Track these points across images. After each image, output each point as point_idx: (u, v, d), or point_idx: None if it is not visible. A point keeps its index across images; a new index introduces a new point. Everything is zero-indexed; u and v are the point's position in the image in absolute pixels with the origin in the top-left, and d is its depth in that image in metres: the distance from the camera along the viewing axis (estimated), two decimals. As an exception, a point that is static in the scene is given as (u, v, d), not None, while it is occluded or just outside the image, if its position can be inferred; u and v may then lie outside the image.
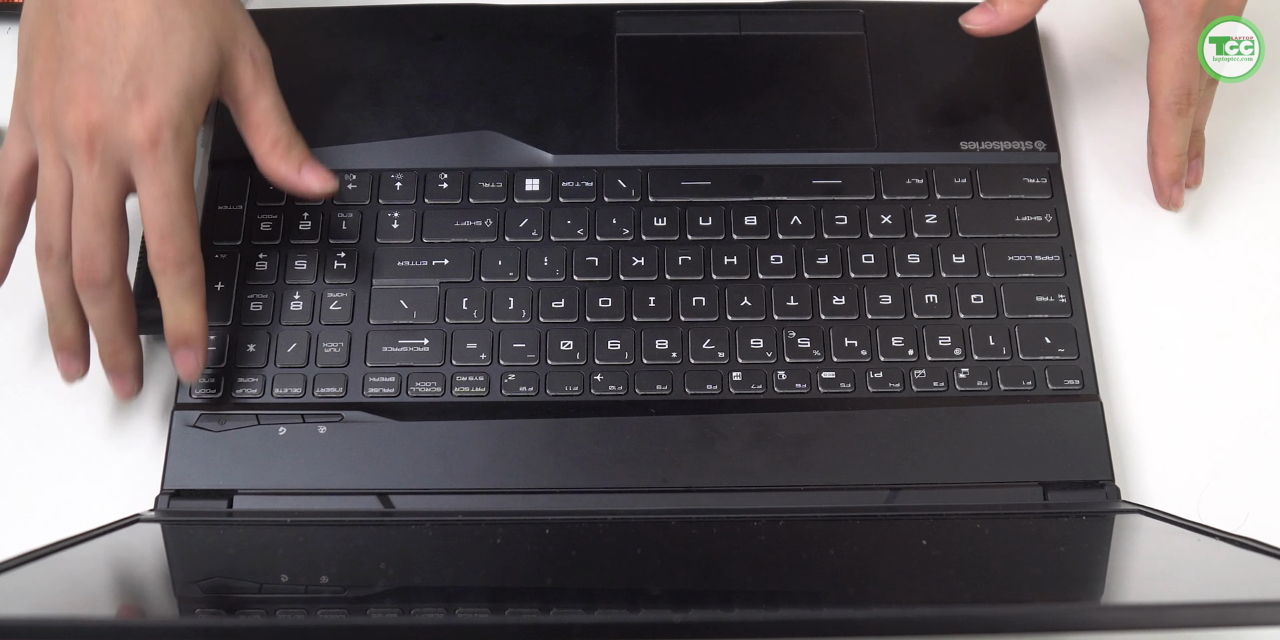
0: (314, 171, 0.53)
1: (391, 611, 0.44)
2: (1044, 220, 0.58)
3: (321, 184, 0.53)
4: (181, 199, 0.50)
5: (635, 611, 0.40)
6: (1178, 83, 0.55)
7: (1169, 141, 0.57)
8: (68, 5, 0.49)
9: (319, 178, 0.53)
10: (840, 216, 0.58)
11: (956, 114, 0.60)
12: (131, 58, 0.49)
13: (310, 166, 0.53)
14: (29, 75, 0.50)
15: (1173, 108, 0.55)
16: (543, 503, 0.52)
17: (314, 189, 0.53)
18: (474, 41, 0.62)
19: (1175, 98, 0.55)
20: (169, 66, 0.49)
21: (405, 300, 0.56)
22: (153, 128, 0.49)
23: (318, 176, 0.53)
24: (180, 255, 0.50)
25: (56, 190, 0.50)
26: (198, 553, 0.50)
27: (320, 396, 0.54)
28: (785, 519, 0.51)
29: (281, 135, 0.53)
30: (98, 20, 0.49)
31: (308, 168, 0.53)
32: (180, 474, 0.53)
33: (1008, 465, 0.53)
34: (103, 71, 0.49)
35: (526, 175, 0.59)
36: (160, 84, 0.49)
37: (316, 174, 0.53)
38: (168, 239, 0.50)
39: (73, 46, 0.49)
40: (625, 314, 0.56)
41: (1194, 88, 0.55)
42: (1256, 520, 0.54)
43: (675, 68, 0.61)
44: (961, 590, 0.45)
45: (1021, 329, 0.56)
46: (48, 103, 0.49)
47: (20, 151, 0.51)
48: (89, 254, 0.50)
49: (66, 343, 0.52)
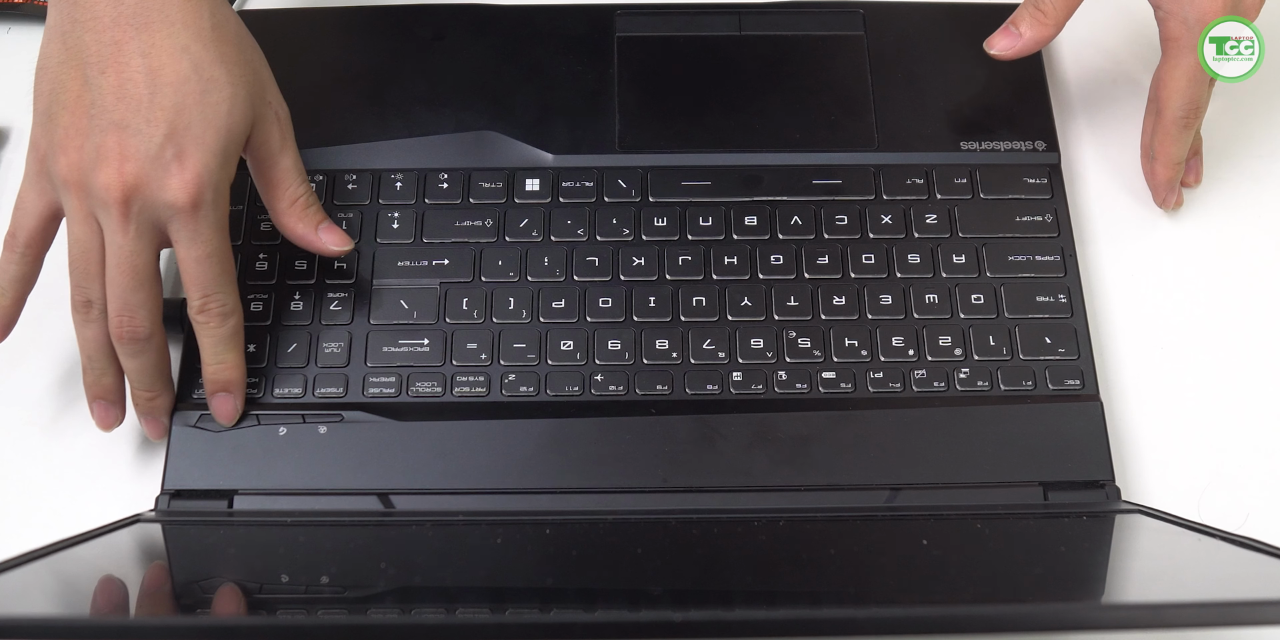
0: (330, 231, 0.53)
1: (391, 611, 0.44)
2: (1044, 220, 0.58)
3: (338, 244, 0.53)
4: (223, 257, 0.50)
5: (635, 611, 0.40)
6: (1188, 98, 0.56)
7: (1171, 151, 0.57)
8: (99, 60, 0.48)
9: (335, 238, 0.53)
10: (840, 216, 0.58)
11: (956, 114, 0.60)
12: (169, 117, 0.48)
13: (327, 226, 0.53)
14: (53, 129, 0.49)
15: (1180, 121, 0.56)
16: (543, 503, 0.52)
17: (330, 249, 0.53)
18: (474, 41, 0.62)
19: (1184, 112, 0.56)
20: (207, 126, 0.48)
21: (405, 300, 0.56)
22: (194, 190, 0.48)
23: (334, 236, 0.53)
24: (224, 309, 0.51)
25: (91, 247, 0.49)
26: (198, 553, 0.50)
27: (320, 396, 0.54)
28: (785, 519, 0.51)
29: (301, 194, 0.53)
30: (131, 77, 0.48)
31: (324, 227, 0.53)
32: (181, 474, 0.53)
33: (1008, 465, 0.53)
34: (138, 131, 0.48)
35: (526, 175, 0.59)
36: (199, 145, 0.48)
37: (333, 234, 0.53)
38: (211, 296, 0.50)
39: (104, 103, 0.48)
40: (625, 314, 0.56)
41: (1203, 103, 0.56)
42: (1256, 520, 0.54)
43: (675, 68, 0.61)
44: (961, 590, 0.45)
45: (1021, 329, 0.55)
46: (75, 159, 0.48)
47: (40, 203, 0.51)
48: (128, 311, 0.50)
49: (105, 392, 0.53)
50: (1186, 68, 0.55)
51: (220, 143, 0.49)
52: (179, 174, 0.48)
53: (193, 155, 0.48)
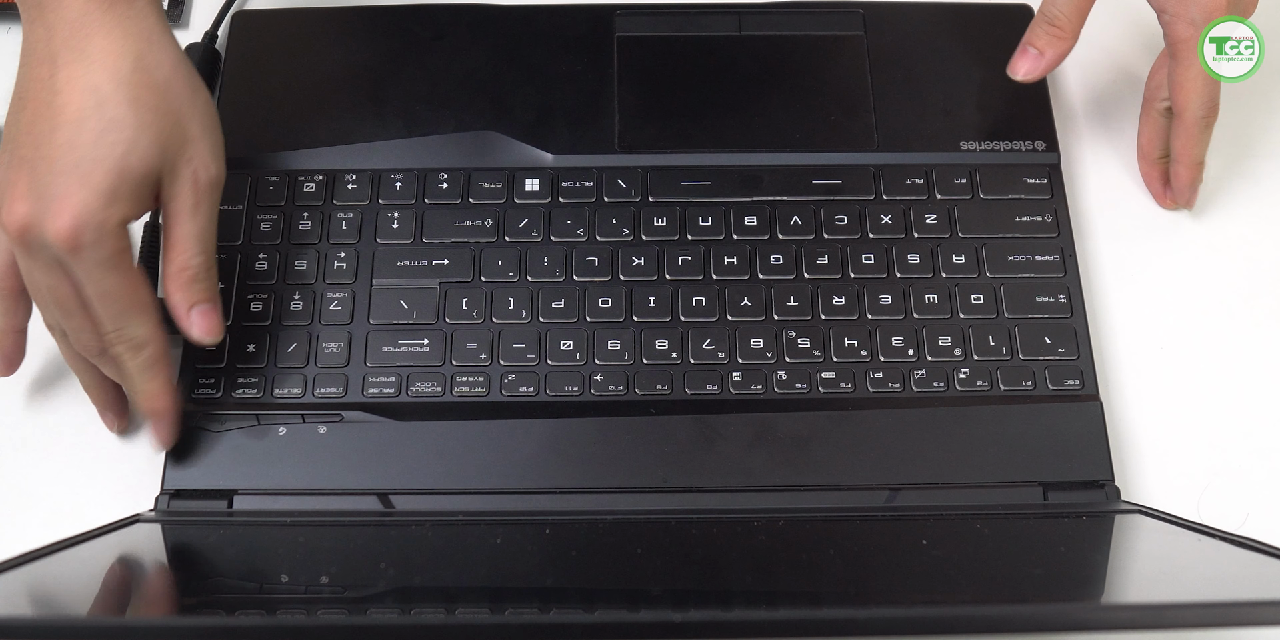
0: (203, 317, 0.51)
1: (391, 611, 0.44)
2: (1044, 220, 0.58)
3: (202, 332, 0.51)
4: (122, 292, 0.48)
5: (635, 611, 0.40)
6: (1206, 97, 0.56)
7: (1194, 152, 0.57)
8: (23, 95, 0.48)
9: (204, 325, 0.51)
10: (840, 216, 0.58)
11: (956, 114, 0.60)
12: (61, 155, 0.47)
13: (203, 310, 0.51)
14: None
15: (1201, 122, 0.56)
16: (543, 503, 0.52)
17: (192, 334, 0.51)
18: (474, 41, 0.62)
19: (1204, 111, 0.56)
20: (96, 165, 0.47)
21: (405, 300, 0.56)
22: (71, 231, 0.46)
23: (204, 323, 0.51)
24: (134, 342, 0.50)
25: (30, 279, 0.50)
26: (198, 553, 0.50)
27: (320, 396, 0.54)
28: (785, 519, 0.51)
29: (192, 266, 0.50)
30: (41, 112, 0.48)
31: (200, 310, 0.51)
32: (180, 474, 0.53)
33: (1008, 465, 0.53)
34: (35, 168, 0.47)
35: (526, 175, 0.59)
36: (83, 184, 0.47)
37: (204, 320, 0.51)
38: (119, 329, 0.49)
39: (17, 139, 0.48)
40: (625, 314, 0.56)
41: (1218, 99, 0.56)
42: (1256, 520, 0.54)
43: (675, 68, 0.61)
44: (961, 590, 0.45)
45: (1021, 329, 0.55)
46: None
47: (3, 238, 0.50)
48: (73, 334, 0.50)
49: (95, 400, 0.54)
50: (1201, 67, 0.55)
51: (108, 183, 0.47)
52: (58, 214, 0.46)
53: (75, 194, 0.47)
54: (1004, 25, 0.62)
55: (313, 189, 0.58)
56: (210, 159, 0.50)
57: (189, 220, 0.50)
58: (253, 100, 0.60)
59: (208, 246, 0.50)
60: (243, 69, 0.61)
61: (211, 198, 0.50)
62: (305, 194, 0.58)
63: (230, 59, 0.62)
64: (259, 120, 0.60)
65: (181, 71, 0.50)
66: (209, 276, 0.51)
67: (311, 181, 0.58)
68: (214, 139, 0.51)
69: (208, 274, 0.51)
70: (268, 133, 0.60)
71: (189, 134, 0.49)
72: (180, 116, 0.49)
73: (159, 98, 0.48)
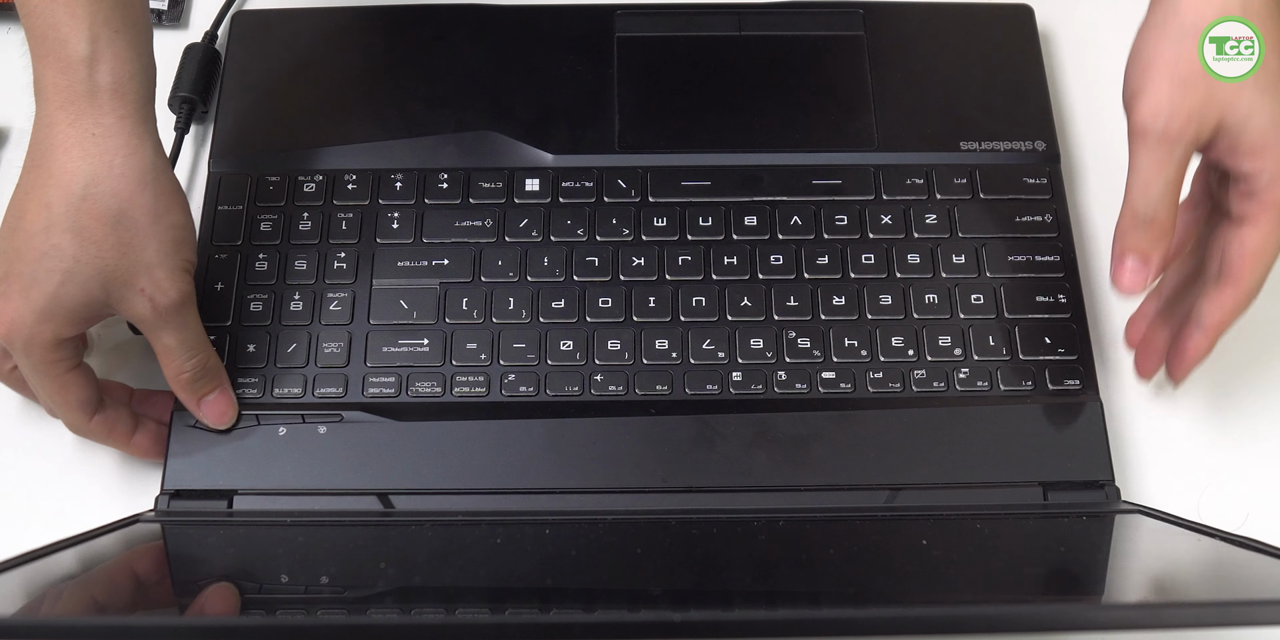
0: (212, 406, 0.52)
1: (391, 611, 0.44)
2: (1044, 220, 0.58)
3: (214, 419, 0.52)
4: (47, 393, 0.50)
5: (635, 611, 0.40)
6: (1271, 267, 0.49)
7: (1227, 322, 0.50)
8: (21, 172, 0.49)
9: (215, 414, 0.52)
10: (840, 216, 0.58)
11: (956, 114, 0.60)
12: (10, 260, 0.48)
13: (213, 399, 0.52)
14: None
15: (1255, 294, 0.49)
16: (543, 503, 0.52)
17: (208, 422, 0.53)
18: (474, 41, 0.62)
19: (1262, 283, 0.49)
20: (34, 283, 0.48)
21: (405, 300, 0.56)
22: (4, 334, 0.48)
23: (214, 412, 0.52)
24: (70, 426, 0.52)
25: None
26: (198, 553, 0.50)
27: (320, 397, 0.54)
28: (785, 519, 0.51)
29: (186, 370, 0.51)
30: (14, 207, 0.49)
31: (208, 401, 0.52)
32: (180, 474, 0.53)
33: (1008, 465, 0.53)
34: (4, 256, 0.48)
35: (526, 175, 0.59)
36: (23, 295, 0.48)
37: (214, 408, 0.52)
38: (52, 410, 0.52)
39: (6, 221, 0.49)
40: (625, 314, 0.56)
41: None
42: (1256, 520, 0.54)
43: (675, 68, 0.61)
44: (961, 590, 0.45)
45: (1021, 329, 0.55)
46: None
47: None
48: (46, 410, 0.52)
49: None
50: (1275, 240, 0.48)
51: (42, 303, 0.48)
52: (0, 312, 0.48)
53: (13, 302, 0.48)
54: (1004, 25, 0.62)
55: (313, 189, 0.58)
56: (168, 283, 0.49)
57: (165, 335, 0.50)
58: (253, 100, 0.60)
59: (196, 350, 0.51)
60: (243, 69, 0.61)
61: (178, 316, 0.50)
62: (305, 194, 0.58)
63: (230, 59, 0.62)
64: (259, 120, 0.60)
65: (144, 196, 0.48)
66: (207, 373, 0.52)
67: (311, 181, 0.58)
68: (174, 262, 0.49)
69: (205, 371, 0.52)
70: (267, 133, 0.60)
71: (141, 263, 0.48)
72: (131, 248, 0.48)
73: (105, 229, 0.48)
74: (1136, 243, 0.49)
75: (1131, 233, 0.49)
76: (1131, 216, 0.48)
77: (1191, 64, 0.47)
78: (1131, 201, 0.48)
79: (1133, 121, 0.48)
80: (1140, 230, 0.48)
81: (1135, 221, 0.48)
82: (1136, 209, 0.48)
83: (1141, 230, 0.48)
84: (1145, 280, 0.49)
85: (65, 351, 0.49)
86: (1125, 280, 0.49)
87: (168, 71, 0.62)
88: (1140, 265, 0.49)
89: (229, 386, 0.53)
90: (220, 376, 0.53)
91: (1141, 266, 0.49)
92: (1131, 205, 0.48)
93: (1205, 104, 0.47)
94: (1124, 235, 0.49)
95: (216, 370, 0.53)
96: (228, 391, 0.53)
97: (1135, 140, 0.48)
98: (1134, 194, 0.48)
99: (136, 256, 0.48)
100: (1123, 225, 0.49)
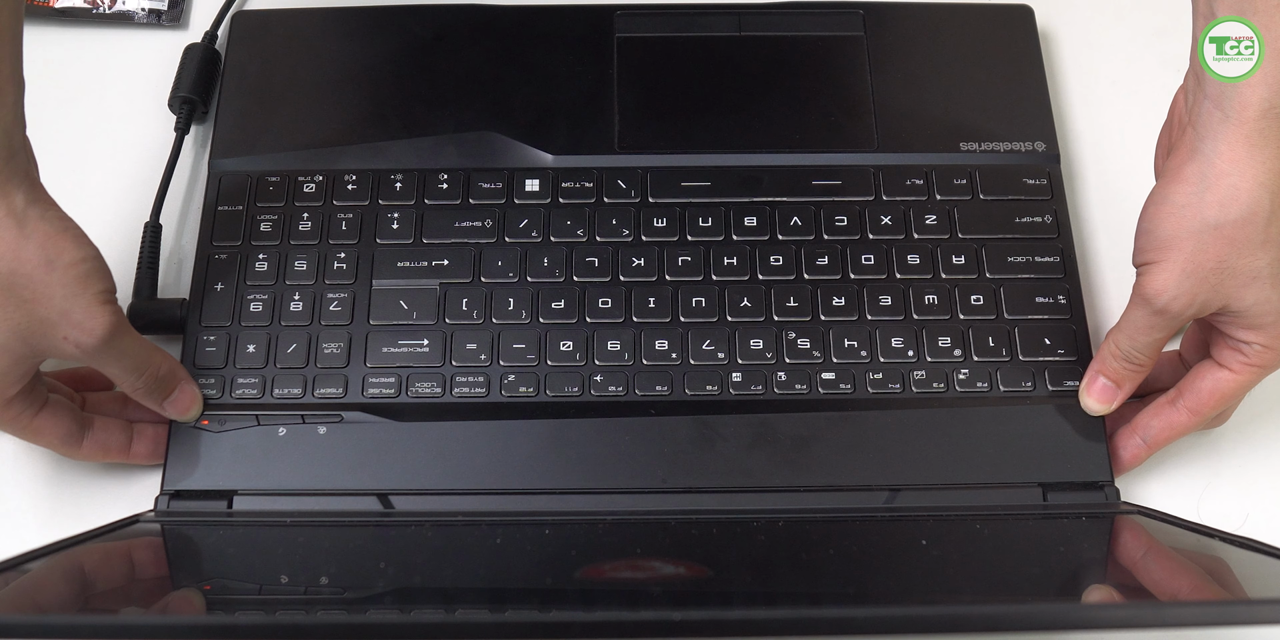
0: (175, 404, 0.53)
1: (391, 611, 0.44)
2: (1044, 221, 0.58)
3: (179, 413, 0.53)
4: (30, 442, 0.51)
5: (635, 611, 0.40)
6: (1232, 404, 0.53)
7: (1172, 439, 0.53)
8: None
9: (178, 411, 0.53)
10: (840, 217, 0.58)
11: (956, 114, 0.60)
12: None
13: (172, 400, 0.52)
14: None
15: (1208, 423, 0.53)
16: (542, 503, 0.52)
17: (175, 418, 0.53)
18: (474, 41, 0.62)
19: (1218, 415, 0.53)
20: None
21: (405, 300, 0.56)
22: None
23: (177, 409, 0.53)
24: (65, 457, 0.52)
25: None
26: (197, 553, 0.50)
27: (320, 397, 0.54)
28: (785, 519, 0.51)
29: (139, 385, 0.51)
30: None
31: (170, 400, 0.52)
32: (180, 474, 0.53)
33: (1007, 466, 0.53)
34: None
35: (526, 175, 0.59)
36: None
37: (176, 407, 0.53)
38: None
39: None
40: (625, 315, 0.56)
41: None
42: (1256, 520, 0.54)
43: (675, 68, 0.61)
44: (961, 590, 0.45)
45: (1021, 330, 0.55)
46: None
47: None
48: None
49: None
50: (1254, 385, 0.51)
51: None
52: None
53: None
54: (1004, 25, 0.63)
55: (313, 189, 0.58)
56: (89, 323, 0.48)
57: (106, 368, 0.50)
58: (253, 100, 0.60)
59: (142, 368, 0.51)
60: (243, 69, 0.61)
61: (111, 349, 0.49)
62: (305, 194, 0.58)
63: (230, 59, 0.62)
64: (258, 120, 0.60)
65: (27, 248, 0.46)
66: (160, 382, 0.52)
67: (311, 182, 0.58)
68: (86, 300, 0.48)
69: (158, 382, 0.52)
70: (267, 133, 0.60)
71: (53, 311, 0.47)
72: (36, 302, 0.47)
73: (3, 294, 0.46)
74: (1114, 372, 0.52)
75: (1111, 362, 0.52)
76: (1114, 351, 0.51)
77: (1208, 262, 0.47)
78: (1117, 341, 0.51)
79: (1138, 283, 0.50)
80: (1119, 363, 0.52)
81: (1117, 356, 0.51)
82: (1120, 348, 0.51)
83: (1120, 363, 0.52)
84: (1115, 400, 0.52)
85: (20, 405, 0.49)
86: (1095, 395, 0.53)
87: (168, 71, 0.62)
88: (1113, 387, 0.52)
89: (188, 381, 0.53)
90: (174, 378, 0.53)
91: (1114, 389, 0.52)
92: (1116, 343, 0.51)
93: (1213, 294, 0.48)
94: (1103, 361, 0.52)
95: (170, 375, 0.52)
96: (187, 387, 0.53)
97: (1136, 299, 0.50)
98: (1121, 337, 0.51)
99: (45, 308, 0.47)
100: (1104, 353, 0.52)
